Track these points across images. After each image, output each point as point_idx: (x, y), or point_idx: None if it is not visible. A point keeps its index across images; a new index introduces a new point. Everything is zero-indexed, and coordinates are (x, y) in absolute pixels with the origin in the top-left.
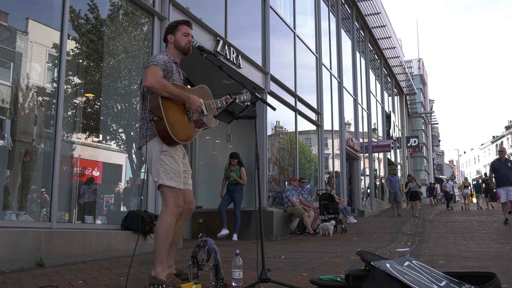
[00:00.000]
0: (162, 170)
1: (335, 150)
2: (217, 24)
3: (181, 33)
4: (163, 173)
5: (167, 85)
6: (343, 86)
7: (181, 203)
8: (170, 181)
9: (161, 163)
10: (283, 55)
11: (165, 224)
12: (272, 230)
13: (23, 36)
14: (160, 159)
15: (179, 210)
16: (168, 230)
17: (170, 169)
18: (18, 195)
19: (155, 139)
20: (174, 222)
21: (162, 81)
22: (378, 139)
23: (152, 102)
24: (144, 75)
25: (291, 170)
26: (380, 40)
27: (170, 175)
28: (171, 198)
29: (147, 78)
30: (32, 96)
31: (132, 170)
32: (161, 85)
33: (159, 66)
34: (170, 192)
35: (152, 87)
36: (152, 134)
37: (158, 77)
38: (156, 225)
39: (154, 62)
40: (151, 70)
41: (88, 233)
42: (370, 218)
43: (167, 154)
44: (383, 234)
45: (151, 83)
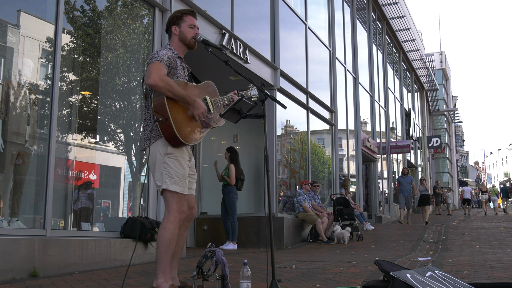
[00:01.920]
0: (166, 174)
1: (350, 151)
2: (222, 16)
3: (187, 25)
4: (167, 177)
5: (172, 85)
6: (359, 82)
7: (184, 209)
8: (174, 186)
9: (165, 166)
10: (293, 49)
11: (167, 232)
12: (282, 237)
13: (14, 30)
14: (164, 162)
15: (182, 216)
16: (170, 238)
17: (174, 173)
18: (10, 201)
19: (160, 141)
20: (177, 229)
21: (167, 80)
22: (396, 139)
23: (157, 101)
24: (147, 72)
25: (302, 173)
26: (399, 32)
27: (175, 180)
28: (174, 204)
29: (150, 76)
30: (24, 94)
31: (131, 173)
32: (166, 84)
33: (163, 62)
34: (173, 198)
35: (156, 86)
36: (156, 136)
37: (163, 75)
38: (158, 232)
39: (158, 58)
40: (155, 66)
41: (85, 241)
42: (389, 225)
43: (172, 157)
44: (403, 242)
45: (155, 81)
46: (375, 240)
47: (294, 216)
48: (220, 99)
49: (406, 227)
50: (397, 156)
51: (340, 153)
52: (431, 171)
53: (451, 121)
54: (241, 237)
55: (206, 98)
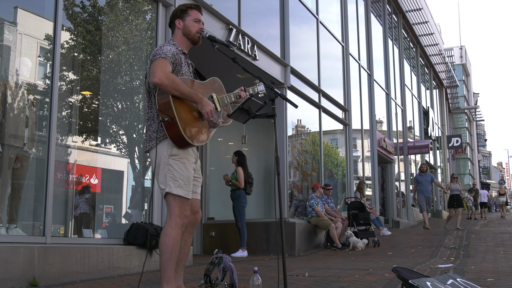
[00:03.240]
0: (170, 176)
1: (365, 152)
2: (229, 11)
3: (191, 19)
4: (171, 180)
5: (178, 83)
6: (374, 79)
7: (187, 213)
8: (178, 189)
9: (169, 168)
10: (304, 45)
11: (169, 238)
12: (294, 244)
13: (11, 27)
14: (168, 164)
15: (184, 221)
16: (173, 244)
17: (179, 176)
18: (8, 207)
19: (165, 142)
20: (179, 235)
21: (172, 78)
22: (414, 139)
23: (162, 101)
24: (151, 69)
25: (315, 175)
26: (416, 26)
27: (179, 183)
28: (176, 208)
29: (155, 74)
30: (22, 95)
31: (134, 176)
32: (171, 82)
33: (168, 59)
34: (175, 201)
35: (162, 84)
36: (161, 136)
37: (168, 73)
38: (160, 239)
39: (162, 54)
40: (159, 64)
41: (86, 248)
42: (407, 230)
43: (177, 159)
44: (422, 248)
45: (161, 79)
46: (392, 246)
47: (306, 221)
48: (227, 97)
49: (425, 232)
50: (415, 157)
51: (354, 154)
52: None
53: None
54: (251, 244)
55: (212, 95)
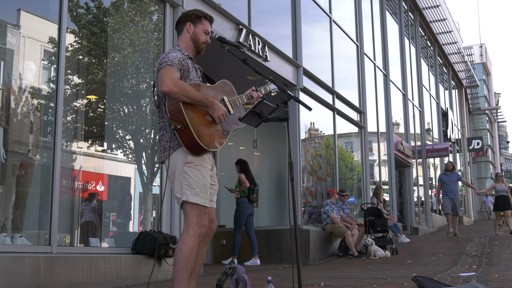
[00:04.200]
0: (186, 184)
1: (382, 156)
2: (239, 10)
3: (202, 28)
4: (187, 188)
5: (187, 89)
6: (390, 79)
7: (205, 223)
8: (195, 197)
9: (184, 176)
10: (317, 45)
11: (186, 247)
12: (308, 252)
13: (14, 30)
14: (184, 172)
15: (202, 231)
16: (189, 254)
17: (195, 184)
18: (12, 215)
19: (179, 150)
20: (196, 245)
21: (181, 85)
22: (433, 141)
23: (172, 108)
24: (159, 78)
25: (329, 180)
26: (434, 23)
27: (195, 191)
28: (194, 217)
29: (163, 82)
30: (26, 100)
31: (142, 183)
32: (180, 89)
33: (174, 66)
34: (193, 210)
35: (171, 92)
36: (175, 145)
37: (176, 80)
38: (176, 248)
39: (168, 62)
40: (167, 72)
41: (94, 258)
42: (426, 237)
43: (192, 166)
44: (442, 255)
45: (169, 87)
46: (411, 254)
47: (321, 228)
48: (239, 98)
49: (446, 239)
50: (434, 161)
51: (370, 158)
52: (472, 176)
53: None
54: (263, 252)
55: (224, 98)
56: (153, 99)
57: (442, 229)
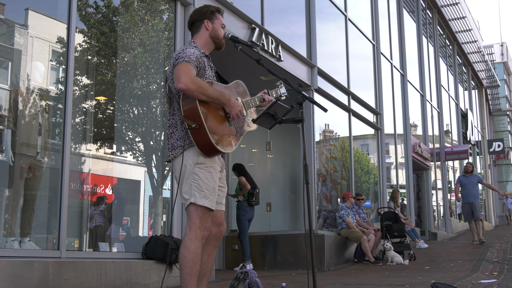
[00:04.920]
0: (195, 186)
1: (399, 159)
2: (251, 9)
3: (219, 23)
4: (196, 190)
5: (205, 87)
6: (407, 79)
7: (208, 225)
8: (203, 200)
9: (194, 177)
10: (332, 44)
11: (189, 251)
12: (323, 257)
13: (22, 30)
14: (194, 173)
15: (205, 233)
16: (193, 258)
17: (204, 186)
18: (20, 219)
19: (191, 150)
20: (200, 248)
21: (199, 82)
22: (452, 144)
23: (187, 106)
24: (175, 74)
25: (345, 184)
26: (452, 22)
27: (204, 193)
28: (197, 219)
29: (180, 79)
30: (34, 101)
31: (152, 186)
32: (198, 86)
33: (192, 63)
34: (197, 212)
35: (188, 90)
36: (186, 144)
37: (194, 77)
38: (179, 252)
39: (186, 58)
40: (183, 68)
41: (103, 263)
42: (445, 242)
43: (203, 167)
44: (462, 261)
45: (187, 85)
46: (430, 260)
47: (336, 233)
48: (251, 100)
49: (465, 244)
50: (453, 164)
51: (387, 160)
52: (492, 179)
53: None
54: (276, 258)
55: (237, 99)
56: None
57: (462, 235)
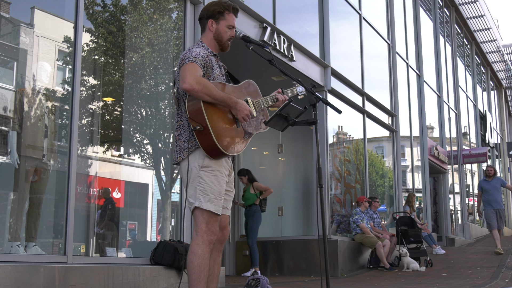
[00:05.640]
0: (200, 190)
1: (415, 162)
2: (263, 7)
3: (225, 24)
4: (201, 194)
5: (210, 88)
6: (424, 80)
7: (215, 230)
8: (208, 204)
9: (199, 181)
10: (346, 43)
11: (196, 256)
12: (337, 263)
13: (28, 30)
14: (199, 176)
15: (212, 238)
16: (201, 263)
17: (209, 189)
18: (25, 223)
19: (197, 152)
20: (207, 253)
21: (204, 83)
22: (470, 146)
23: (192, 107)
24: (180, 74)
25: (359, 188)
26: (470, 20)
27: (209, 197)
28: (204, 224)
29: (185, 79)
30: (40, 102)
31: (160, 190)
32: (203, 87)
33: (198, 62)
34: (203, 217)
35: (193, 90)
36: (192, 146)
37: (199, 77)
38: (187, 259)
39: (191, 58)
40: (189, 68)
41: (110, 268)
42: (463, 248)
43: (208, 171)
44: (481, 268)
45: (191, 85)
46: (447, 267)
47: (350, 238)
48: (264, 100)
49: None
50: (471, 167)
51: (402, 164)
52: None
53: None
54: (288, 263)
55: (247, 100)
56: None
57: (480, 240)
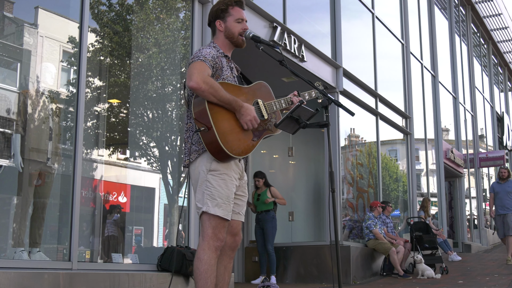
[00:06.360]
0: (208, 194)
1: (430, 165)
2: (273, 6)
3: (233, 19)
4: (209, 198)
5: (217, 88)
6: (439, 80)
7: (221, 236)
8: (216, 208)
9: (207, 185)
10: (358, 43)
11: (202, 263)
12: (349, 270)
13: (31, 30)
14: (206, 180)
15: (218, 244)
16: (207, 270)
17: (217, 194)
18: (29, 228)
19: (204, 155)
20: (213, 259)
21: (211, 82)
22: (487, 149)
23: (198, 108)
24: (188, 72)
25: (372, 192)
26: (487, 19)
27: (217, 201)
28: (210, 229)
29: (192, 77)
30: (44, 104)
31: (167, 194)
32: (210, 87)
33: (207, 62)
34: (210, 222)
35: (199, 89)
36: (200, 149)
37: (206, 77)
38: (193, 265)
39: (201, 57)
40: (197, 66)
41: (116, 275)
42: (480, 255)
43: (216, 174)
44: (498, 275)
45: (198, 83)
46: (464, 274)
47: (363, 244)
48: (277, 102)
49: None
50: (488, 170)
51: (417, 167)
52: None
53: None
54: (299, 270)
55: (258, 101)
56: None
57: (498, 246)
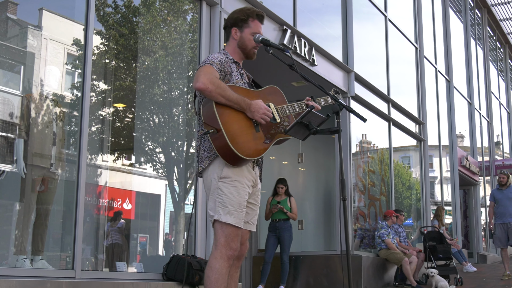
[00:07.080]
0: (220, 202)
1: (444, 173)
2: (283, 9)
3: (250, 31)
4: (220, 206)
5: (224, 88)
6: (454, 85)
7: (235, 245)
8: (227, 216)
9: (218, 192)
10: (370, 47)
11: (213, 271)
12: (360, 281)
13: (35, 32)
14: (218, 188)
15: (231, 253)
16: (217, 279)
17: (229, 201)
18: (32, 235)
19: (216, 161)
20: (225, 268)
21: (218, 83)
22: (503, 156)
23: (206, 110)
24: (195, 75)
25: (384, 200)
26: (504, 22)
27: (228, 209)
28: (223, 237)
29: (199, 78)
30: (48, 108)
31: (173, 201)
32: (216, 87)
33: (214, 65)
34: (222, 230)
35: (206, 90)
36: (212, 155)
37: (213, 78)
38: (205, 273)
39: (208, 61)
40: (204, 69)
41: (121, 284)
42: (495, 266)
43: (227, 182)
44: None
45: (204, 84)
46: (479, 285)
47: (375, 254)
48: (290, 107)
49: None
50: None
51: (431, 175)
52: None
53: None
54: (309, 280)
55: (269, 105)
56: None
57: None
